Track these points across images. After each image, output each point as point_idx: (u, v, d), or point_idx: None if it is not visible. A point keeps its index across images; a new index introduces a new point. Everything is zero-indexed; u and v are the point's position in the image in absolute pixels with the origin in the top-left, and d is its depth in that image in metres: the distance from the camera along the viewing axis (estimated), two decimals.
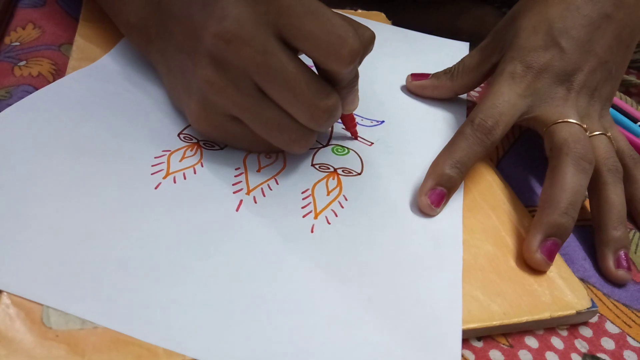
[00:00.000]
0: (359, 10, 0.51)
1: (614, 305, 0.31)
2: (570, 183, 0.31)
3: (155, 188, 0.29)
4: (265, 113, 0.28)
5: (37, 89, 0.34)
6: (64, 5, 0.43)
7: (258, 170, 0.32)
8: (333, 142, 0.35)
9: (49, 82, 0.35)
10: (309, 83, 0.27)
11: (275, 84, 0.27)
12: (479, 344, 0.27)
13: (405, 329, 0.25)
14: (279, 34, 0.27)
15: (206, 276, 0.25)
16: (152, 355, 0.22)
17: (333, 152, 0.35)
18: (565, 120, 0.33)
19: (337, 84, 0.30)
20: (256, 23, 0.26)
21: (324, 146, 0.35)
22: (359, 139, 0.36)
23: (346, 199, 0.31)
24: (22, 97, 0.33)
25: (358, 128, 0.36)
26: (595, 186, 0.34)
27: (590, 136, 0.34)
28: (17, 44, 0.39)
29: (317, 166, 0.33)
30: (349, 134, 0.36)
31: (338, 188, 0.32)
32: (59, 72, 0.37)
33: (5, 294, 0.23)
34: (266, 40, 0.27)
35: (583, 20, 0.35)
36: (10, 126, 0.30)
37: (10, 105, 0.32)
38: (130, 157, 0.30)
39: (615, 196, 0.33)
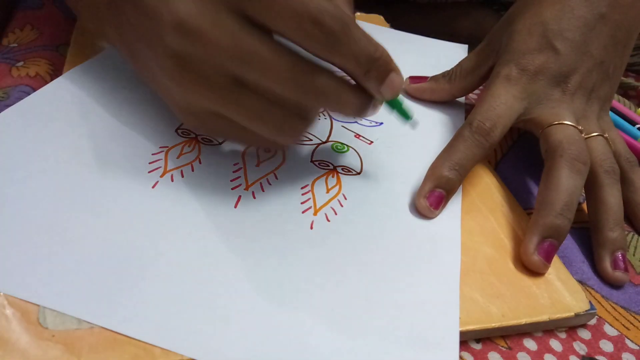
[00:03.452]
0: (358, 13, 0.51)
1: (613, 307, 0.31)
2: (565, 184, 0.31)
3: (153, 187, 0.29)
4: (245, 103, 0.25)
5: (34, 89, 0.34)
6: (62, 7, 0.43)
7: (257, 165, 0.32)
8: (332, 139, 0.35)
9: (47, 83, 0.35)
10: (289, 61, 0.25)
11: (252, 67, 0.24)
12: (477, 346, 0.27)
13: (403, 330, 0.25)
14: (243, 13, 0.24)
15: (204, 275, 0.25)
16: (148, 355, 0.22)
17: (333, 149, 0.34)
18: (561, 122, 0.33)
19: (338, 66, 0.26)
20: (216, 5, 0.23)
21: (323, 142, 0.35)
22: (359, 137, 0.36)
23: (345, 198, 0.31)
24: (20, 98, 0.33)
25: (357, 127, 0.36)
26: (592, 188, 0.34)
27: (586, 137, 0.34)
28: (15, 45, 0.39)
29: (316, 163, 0.33)
30: (348, 132, 0.36)
31: (337, 186, 0.32)
32: (56, 72, 0.37)
33: (1, 294, 0.23)
34: (232, 23, 0.24)
35: (578, 21, 0.35)
36: (8, 128, 0.30)
37: (8, 105, 0.32)
38: (127, 156, 0.30)
39: (611, 198, 0.33)
